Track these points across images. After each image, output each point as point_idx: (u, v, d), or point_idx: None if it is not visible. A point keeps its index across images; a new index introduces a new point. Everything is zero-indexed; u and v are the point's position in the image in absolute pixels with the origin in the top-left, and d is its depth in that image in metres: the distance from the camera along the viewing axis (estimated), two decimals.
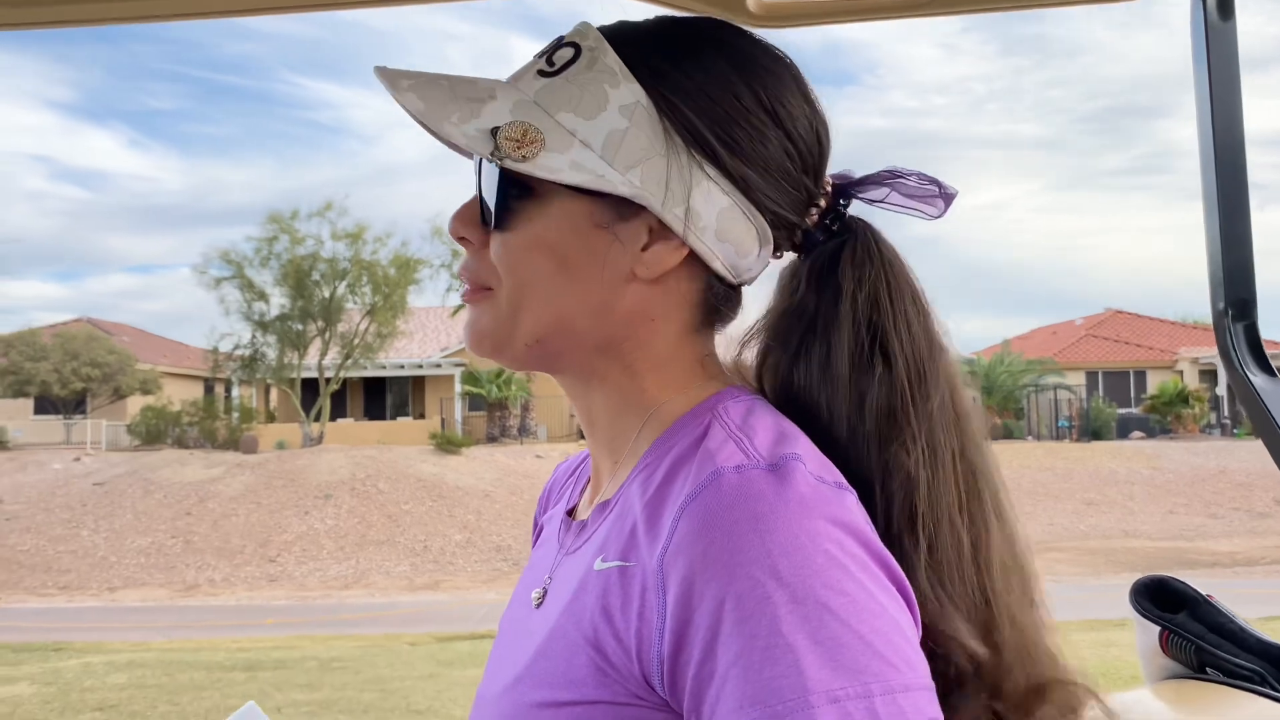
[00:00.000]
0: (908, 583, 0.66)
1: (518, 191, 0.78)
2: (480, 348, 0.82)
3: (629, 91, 0.76)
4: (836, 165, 0.84)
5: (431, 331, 37.13)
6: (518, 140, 0.75)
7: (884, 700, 0.58)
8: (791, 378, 0.79)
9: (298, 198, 56.75)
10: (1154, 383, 34.28)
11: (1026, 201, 71.75)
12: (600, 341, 0.79)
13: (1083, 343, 36.96)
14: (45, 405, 35.12)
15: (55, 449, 31.35)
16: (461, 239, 0.83)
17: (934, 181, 0.82)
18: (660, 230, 0.77)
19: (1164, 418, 31.65)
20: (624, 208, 0.76)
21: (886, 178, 0.83)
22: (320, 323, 31.44)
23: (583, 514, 0.85)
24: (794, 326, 0.80)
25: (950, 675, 0.70)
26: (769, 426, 0.72)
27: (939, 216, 0.83)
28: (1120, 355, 36.07)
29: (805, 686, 0.58)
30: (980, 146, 66.11)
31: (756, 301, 0.85)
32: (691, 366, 0.81)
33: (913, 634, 0.63)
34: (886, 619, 0.61)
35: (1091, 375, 35.18)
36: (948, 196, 0.83)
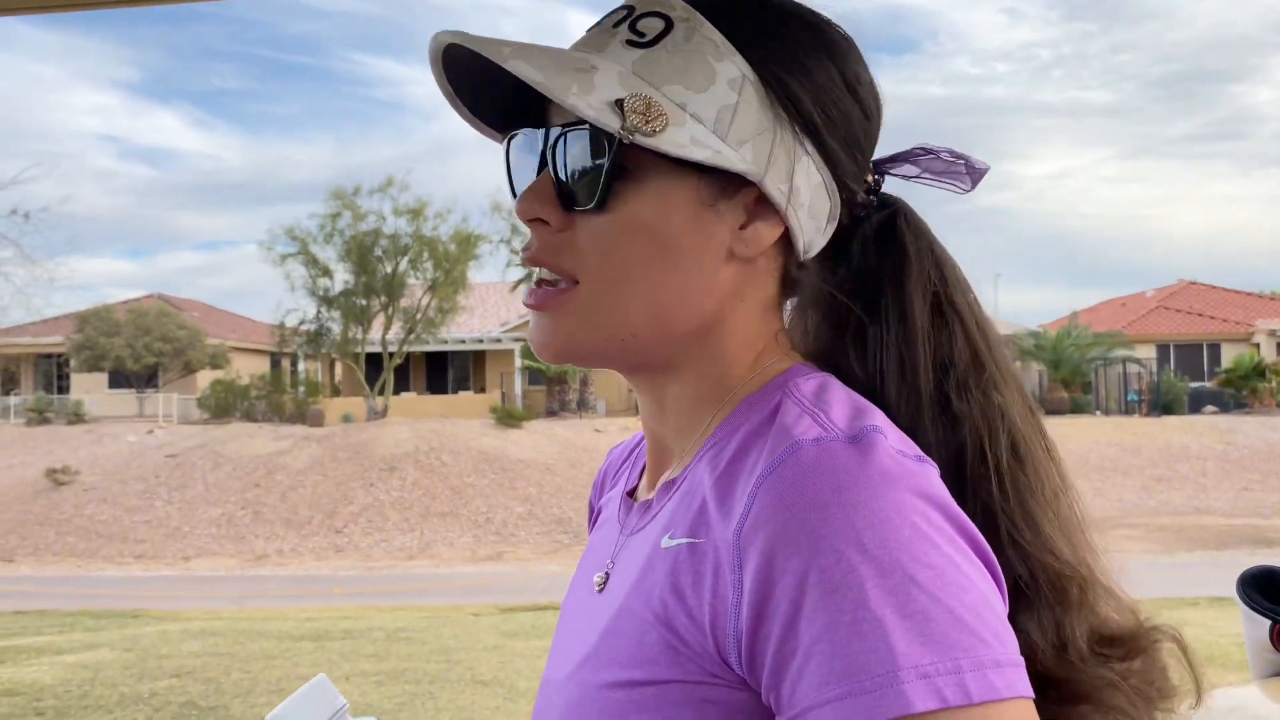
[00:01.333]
0: (993, 555, 0.64)
1: (619, 168, 0.73)
2: (553, 352, 0.76)
3: (734, 65, 0.73)
4: (898, 133, 0.85)
5: (492, 306, 37.40)
6: (644, 114, 0.70)
7: (974, 676, 0.56)
8: (864, 341, 0.79)
9: (358, 175, 57.51)
10: (1228, 356, 33.35)
11: (1094, 170, 70.08)
12: (693, 329, 0.76)
13: (1153, 315, 36.07)
14: (119, 379, 36.10)
15: (129, 422, 32.25)
16: (535, 220, 0.76)
17: (963, 157, 0.83)
18: (758, 207, 0.75)
19: (1239, 392, 30.81)
20: (727, 185, 0.74)
21: (918, 154, 0.84)
22: (383, 298, 31.84)
23: (645, 495, 0.84)
24: (858, 292, 0.79)
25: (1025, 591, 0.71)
26: (843, 401, 0.70)
27: (968, 191, 0.84)
28: (1193, 327, 35.15)
29: (894, 661, 0.56)
30: (1045, 114, 64.62)
31: None
32: (769, 345, 0.79)
33: (1001, 608, 0.61)
34: (975, 592, 0.59)
35: (1163, 348, 34.34)
36: (976, 172, 0.83)
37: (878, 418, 0.68)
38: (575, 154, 0.74)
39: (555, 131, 0.75)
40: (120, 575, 17.89)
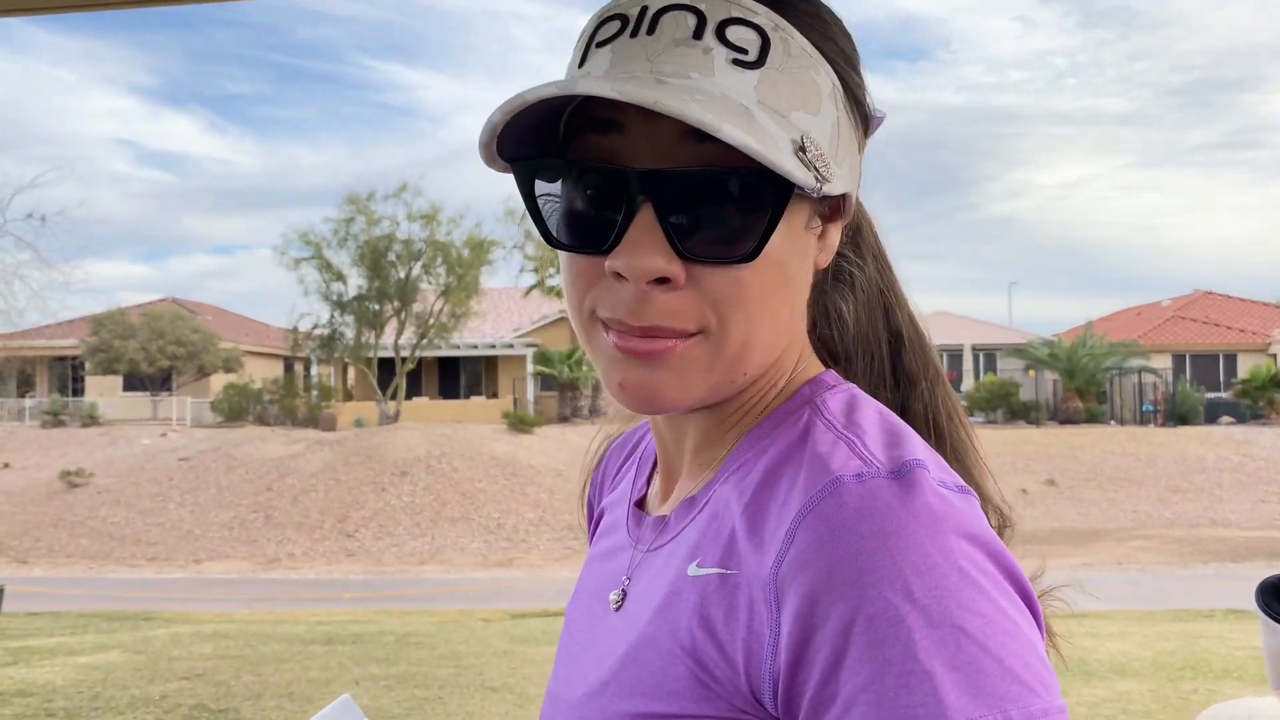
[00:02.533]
0: (1033, 592, 0.63)
1: (778, 219, 0.65)
2: (678, 401, 0.68)
3: (827, 77, 0.69)
4: (913, 140, 0.85)
5: (504, 312, 37.46)
6: (822, 160, 0.65)
7: None
8: (831, 306, 0.81)
9: (370, 180, 57.69)
10: (1245, 366, 33.14)
11: (1109, 179, 69.81)
12: (782, 350, 0.73)
13: (1169, 324, 35.88)
14: (134, 382, 36.28)
15: (143, 424, 32.40)
16: (660, 280, 0.65)
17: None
18: (825, 209, 0.73)
19: (1255, 403, 30.59)
20: (821, 201, 0.71)
21: None
22: (396, 303, 31.93)
23: (656, 507, 0.81)
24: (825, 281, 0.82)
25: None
26: (875, 423, 0.68)
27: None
28: (1209, 338, 34.94)
29: (945, 715, 0.55)
30: (1060, 122, 64.43)
31: None
32: (803, 343, 0.78)
33: (1043, 651, 0.61)
34: (1022, 639, 0.58)
35: (1179, 358, 34.15)
36: (872, 122, 0.80)
37: (915, 445, 0.66)
38: (723, 200, 0.64)
39: (682, 175, 0.64)
40: (133, 577, 17.95)
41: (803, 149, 0.64)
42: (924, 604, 0.57)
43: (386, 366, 32.73)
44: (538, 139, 0.68)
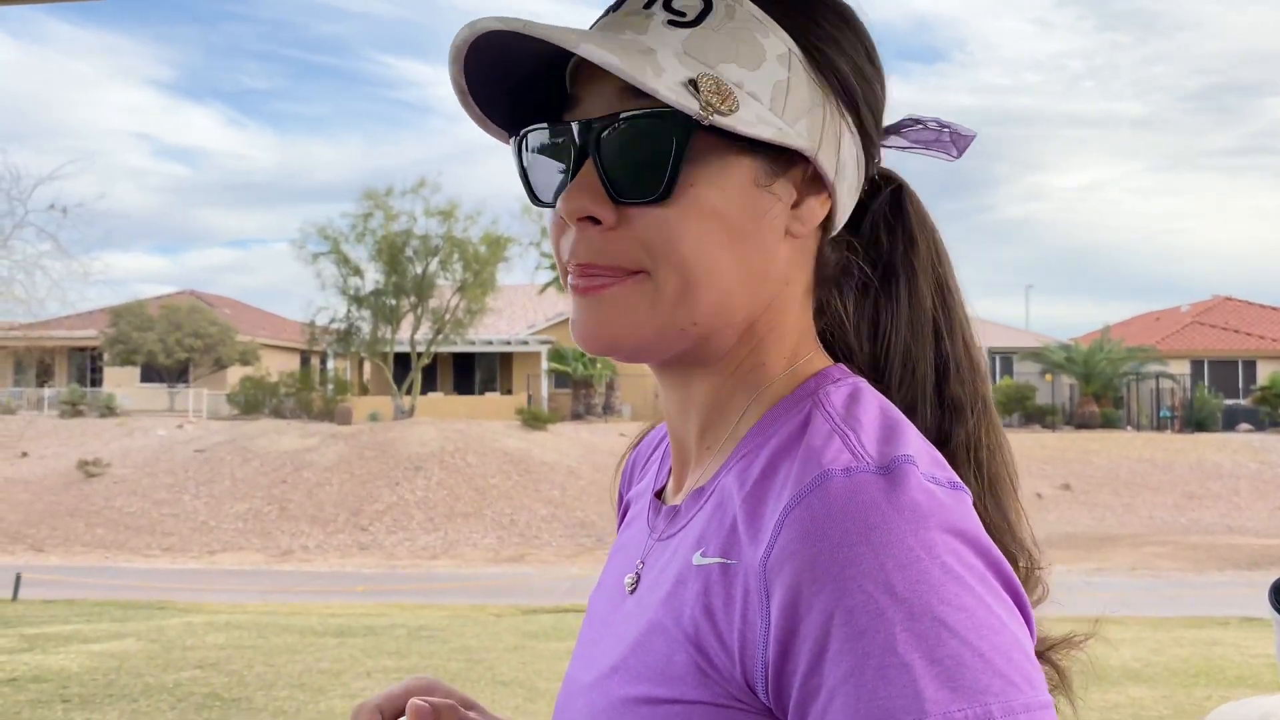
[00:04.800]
0: (1023, 591, 0.63)
1: (685, 155, 0.69)
2: (619, 337, 0.72)
3: (779, 40, 0.72)
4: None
5: (520, 309, 37.52)
6: (717, 93, 0.68)
7: None
8: (877, 320, 0.80)
9: (385, 175, 57.97)
10: (1264, 373, 32.88)
11: (1126, 182, 69.46)
12: (751, 314, 0.74)
13: (1188, 330, 35.63)
14: (151, 374, 36.50)
15: (160, 416, 32.60)
16: (585, 219, 0.71)
17: (948, 125, 0.83)
18: (808, 183, 0.74)
19: (1274, 410, 30.36)
20: (778, 163, 0.72)
21: (907, 125, 0.84)
22: (412, 298, 32.01)
23: (672, 497, 0.82)
24: (871, 268, 0.80)
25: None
26: (874, 417, 0.68)
27: (955, 159, 0.84)
28: (1228, 344, 34.69)
29: (922, 709, 0.55)
30: (1076, 125, 64.14)
31: None
32: (803, 334, 0.78)
33: (1030, 648, 0.61)
34: (1006, 634, 0.58)
35: (1197, 364, 33.91)
36: (962, 140, 0.83)
37: (909, 439, 0.66)
38: (633, 142, 0.70)
39: (601, 121, 0.71)
40: (147, 567, 18.07)
41: (694, 83, 0.67)
42: (905, 597, 0.57)
43: (402, 362, 32.82)
44: (542, 117, 0.76)
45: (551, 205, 0.75)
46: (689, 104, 0.67)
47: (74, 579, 15.18)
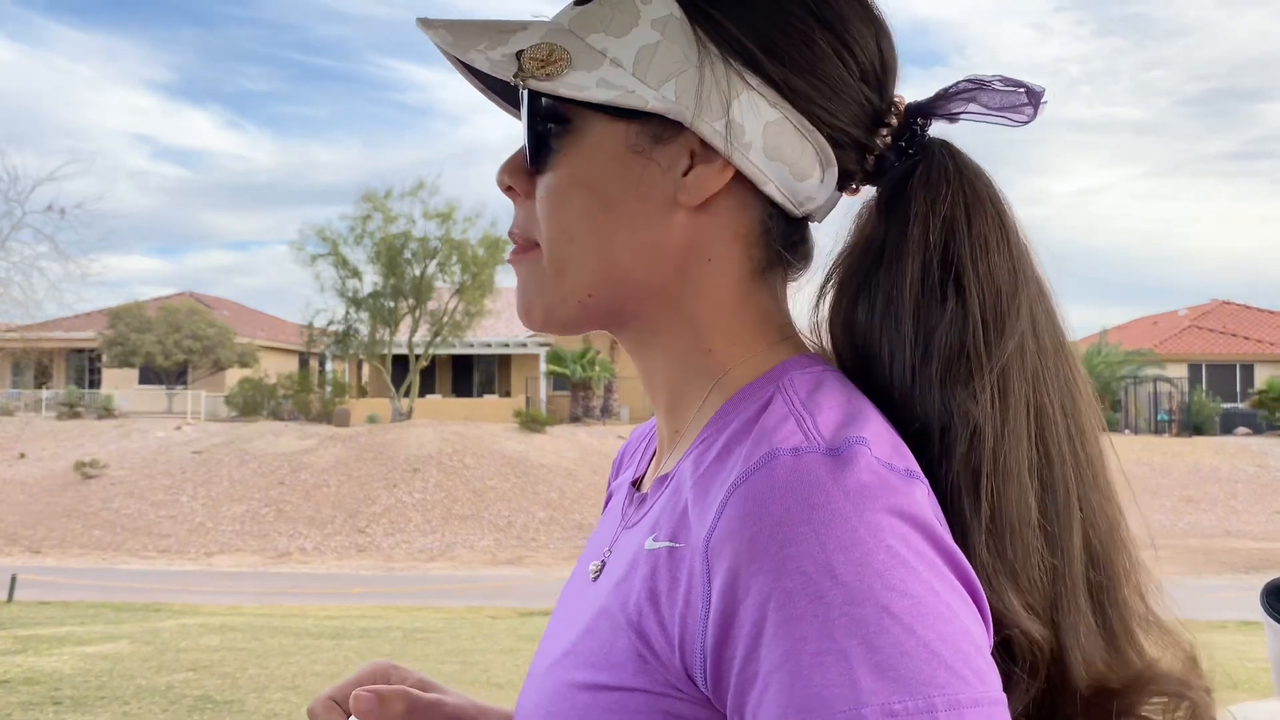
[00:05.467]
0: (979, 583, 0.59)
1: (554, 125, 0.72)
2: (530, 316, 0.76)
3: (661, 5, 0.71)
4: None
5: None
6: (542, 60, 0.70)
7: (948, 715, 0.51)
8: (853, 316, 0.71)
9: (385, 178, 57.97)
10: (1262, 377, 32.88)
11: (1125, 187, 69.58)
12: (655, 286, 0.72)
13: (1186, 334, 35.64)
14: (149, 375, 36.49)
15: (158, 418, 32.57)
16: (508, 190, 0.76)
17: (1019, 83, 0.73)
18: (703, 152, 0.70)
19: (1272, 414, 30.36)
20: (662, 130, 0.70)
21: (967, 89, 0.74)
22: (411, 300, 32.01)
23: (647, 486, 0.80)
24: (859, 260, 0.72)
25: (1009, 653, 0.63)
26: (836, 404, 0.64)
27: (1028, 122, 0.74)
28: (1226, 347, 34.70)
29: (858, 699, 0.51)
30: (1075, 130, 64.27)
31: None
32: (759, 322, 0.73)
33: (984, 641, 0.56)
34: (955, 624, 0.54)
35: (1194, 368, 33.91)
36: (1035, 96, 0.72)
37: (868, 425, 0.62)
38: (528, 114, 0.74)
39: (522, 97, 0.75)
40: (144, 569, 18.04)
41: (522, 52, 0.71)
42: (845, 581, 0.54)
43: (400, 364, 32.81)
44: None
45: None
46: (505, 71, 0.70)
47: (70, 581, 15.14)
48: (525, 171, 0.75)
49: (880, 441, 0.61)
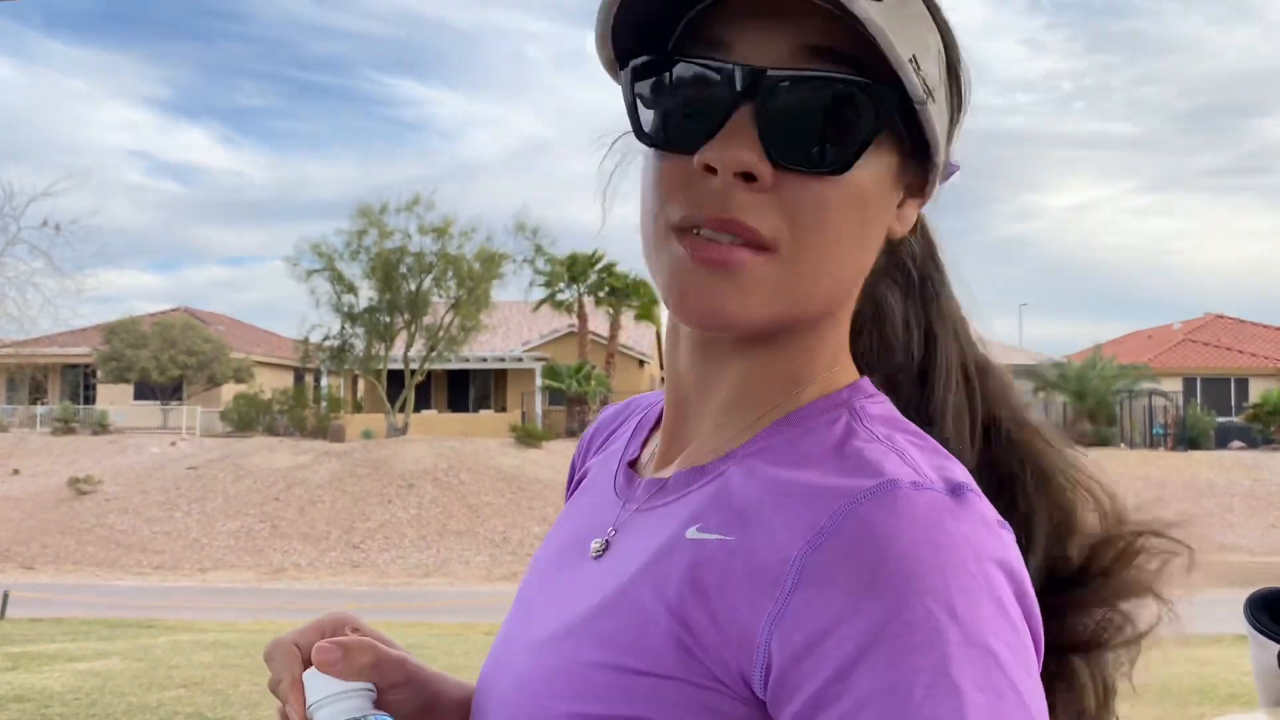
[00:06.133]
0: (1042, 633, 0.62)
1: (866, 137, 0.65)
2: (738, 317, 0.66)
3: (936, 37, 0.68)
4: None
5: (514, 326, 37.52)
6: (929, 77, 0.65)
7: None
8: (919, 323, 0.79)
9: (380, 193, 57.86)
10: (1256, 390, 32.93)
11: (1118, 202, 69.88)
12: (840, 306, 0.72)
13: (1180, 348, 35.71)
14: (144, 391, 36.39)
15: (153, 433, 32.49)
16: (741, 174, 0.64)
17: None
18: (911, 186, 0.72)
19: (1267, 427, 30.39)
20: (910, 161, 0.70)
21: None
22: (406, 315, 32.01)
23: (650, 469, 0.78)
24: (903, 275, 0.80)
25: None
26: (915, 443, 0.66)
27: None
28: (1220, 361, 34.76)
29: None
30: (1068, 145, 64.56)
31: None
32: (845, 338, 0.75)
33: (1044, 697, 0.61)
34: (1035, 679, 0.58)
35: (1189, 382, 33.96)
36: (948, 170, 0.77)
37: (962, 470, 0.65)
38: (821, 107, 0.64)
39: (783, 75, 0.64)
40: (138, 585, 17.96)
41: (916, 63, 0.64)
42: (964, 622, 0.55)
43: (396, 379, 32.78)
44: (649, 48, 0.69)
45: (671, 147, 0.67)
46: (913, 83, 0.63)
47: (63, 597, 15.07)
48: (765, 158, 0.64)
49: (975, 486, 0.64)
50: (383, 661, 0.75)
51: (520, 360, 35.22)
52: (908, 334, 0.78)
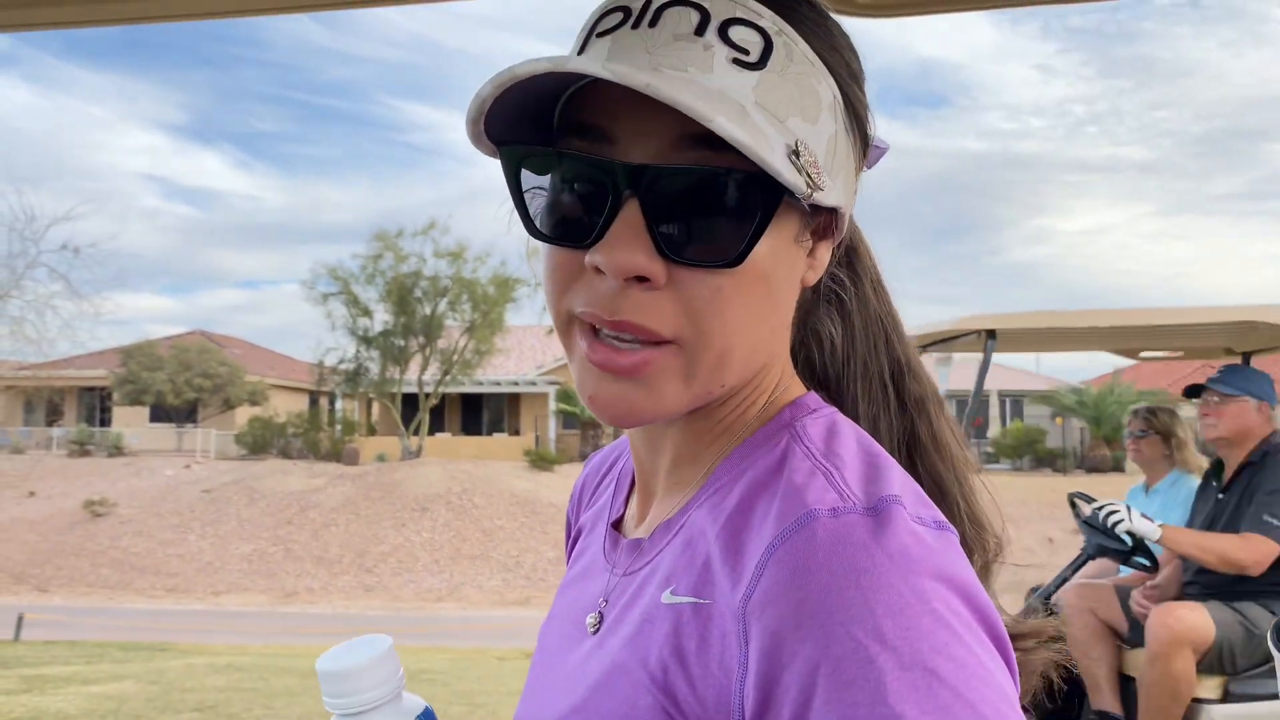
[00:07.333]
0: (1008, 638, 0.61)
1: (759, 221, 0.63)
2: (656, 413, 0.66)
3: (828, 87, 0.67)
4: (940, 187, 0.80)
5: (528, 350, 37.58)
6: (815, 166, 0.63)
7: None
8: (830, 332, 0.79)
9: (394, 217, 58.46)
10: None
11: (1132, 227, 69.76)
12: (765, 360, 0.71)
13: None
14: (160, 414, 36.57)
15: (168, 456, 32.61)
16: (637, 279, 0.62)
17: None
18: (821, 229, 0.70)
19: None
20: (813, 215, 0.68)
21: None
22: (421, 339, 32.11)
23: (633, 529, 0.78)
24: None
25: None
26: (854, 453, 0.65)
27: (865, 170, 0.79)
28: None
29: None
30: (1080, 170, 64.50)
31: None
32: (786, 363, 0.75)
33: (1013, 692, 0.58)
34: (993, 686, 0.55)
35: None
36: (875, 153, 0.77)
37: (893, 479, 0.63)
38: (708, 202, 0.62)
39: (667, 171, 0.62)
40: (151, 608, 17.97)
41: (796, 153, 0.62)
42: (895, 646, 0.54)
43: (410, 402, 32.85)
44: (529, 131, 0.66)
45: (560, 242, 0.65)
46: (797, 182, 0.61)
47: (77, 619, 15.09)
48: (657, 255, 0.62)
49: (908, 495, 0.62)
50: None
51: (534, 384, 35.26)
52: (819, 351, 0.79)
